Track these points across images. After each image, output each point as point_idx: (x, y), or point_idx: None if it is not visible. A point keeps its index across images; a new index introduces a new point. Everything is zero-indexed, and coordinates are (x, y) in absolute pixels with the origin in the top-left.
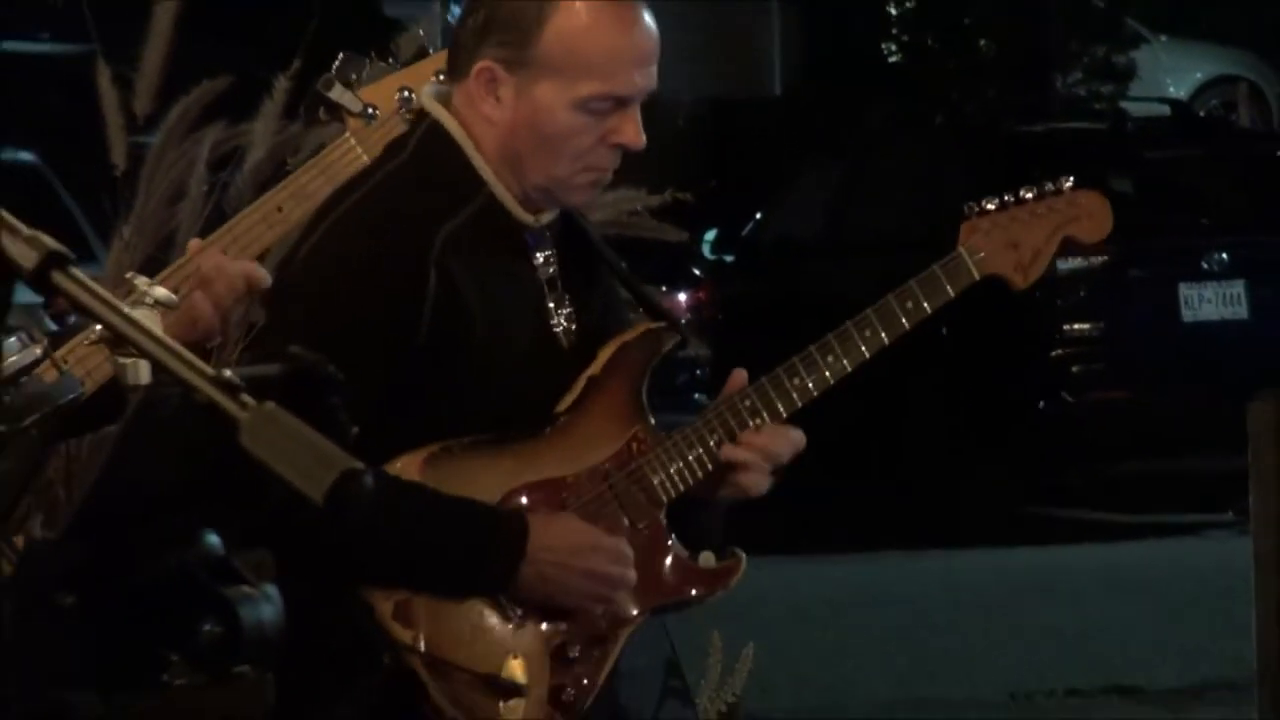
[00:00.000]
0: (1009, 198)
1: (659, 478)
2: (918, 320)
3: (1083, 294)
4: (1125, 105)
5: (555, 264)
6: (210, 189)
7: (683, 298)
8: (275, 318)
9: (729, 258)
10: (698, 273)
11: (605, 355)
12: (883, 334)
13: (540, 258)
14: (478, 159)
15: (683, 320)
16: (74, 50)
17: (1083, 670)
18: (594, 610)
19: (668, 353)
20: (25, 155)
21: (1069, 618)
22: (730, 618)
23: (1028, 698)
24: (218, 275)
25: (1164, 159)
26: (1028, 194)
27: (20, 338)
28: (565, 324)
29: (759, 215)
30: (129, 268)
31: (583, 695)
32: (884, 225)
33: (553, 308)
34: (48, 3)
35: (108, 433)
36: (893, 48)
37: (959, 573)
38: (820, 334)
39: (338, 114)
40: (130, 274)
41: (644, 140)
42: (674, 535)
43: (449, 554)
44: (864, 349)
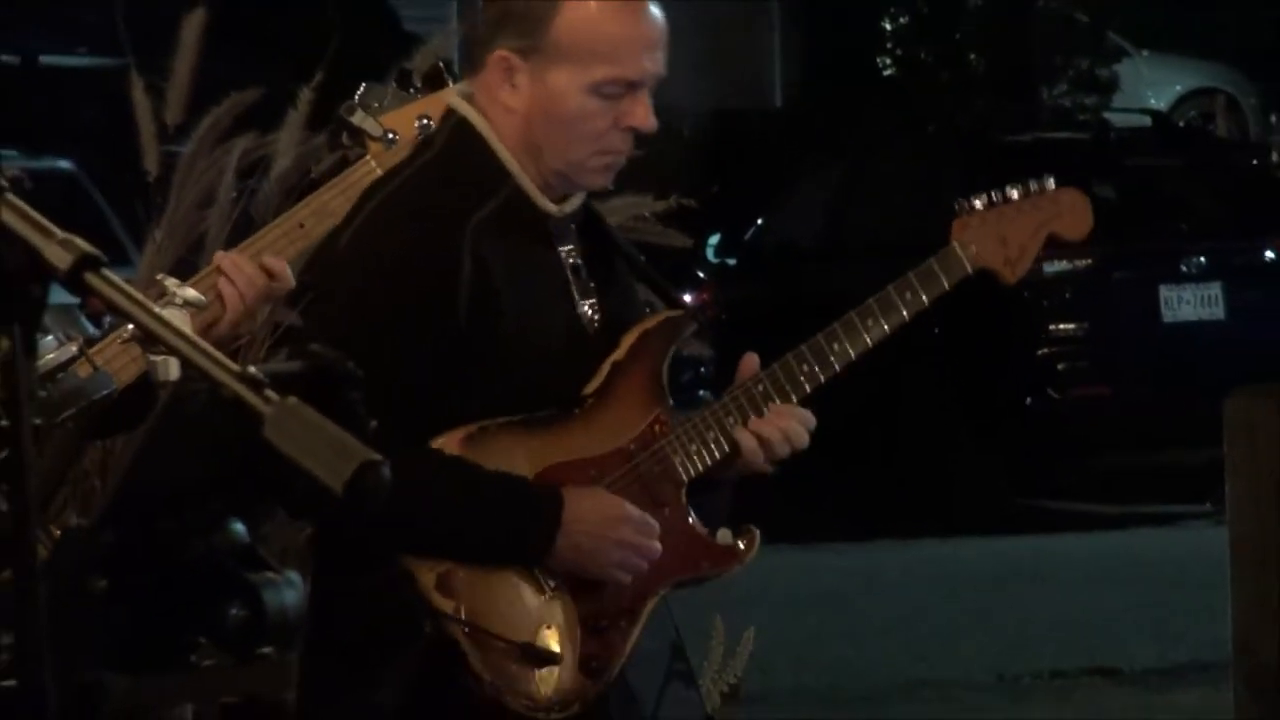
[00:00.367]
0: (997, 196)
1: (679, 458)
2: (916, 310)
3: (1068, 295)
4: (1108, 116)
5: (578, 255)
6: (238, 195)
7: (688, 299)
8: (318, 307)
9: (731, 261)
10: (702, 275)
11: (628, 341)
12: (884, 323)
13: (564, 248)
14: (503, 152)
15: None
16: (109, 64)
17: (1067, 653)
18: (623, 580)
19: (684, 337)
20: (64, 163)
21: (1054, 603)
22: (732, 603)
23: (1015, 679)
24: (235, 271)
25: (1145, 167)
26: (1014, 192)
27: (57, 336)
28: (589, 311)
29: (760, 220)
30: (160, 269)
31: (610, 664)
32: (880, 230)
33: (577, 296)
34: (84, 19)
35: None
36: (888, 61)
37: (950, 560)
38: (817, 332)
39: (359, 138)
40: (161, 275)
41: (655, 123)
42: (692, 513)
43: (490, 525)
44: (867, 337)
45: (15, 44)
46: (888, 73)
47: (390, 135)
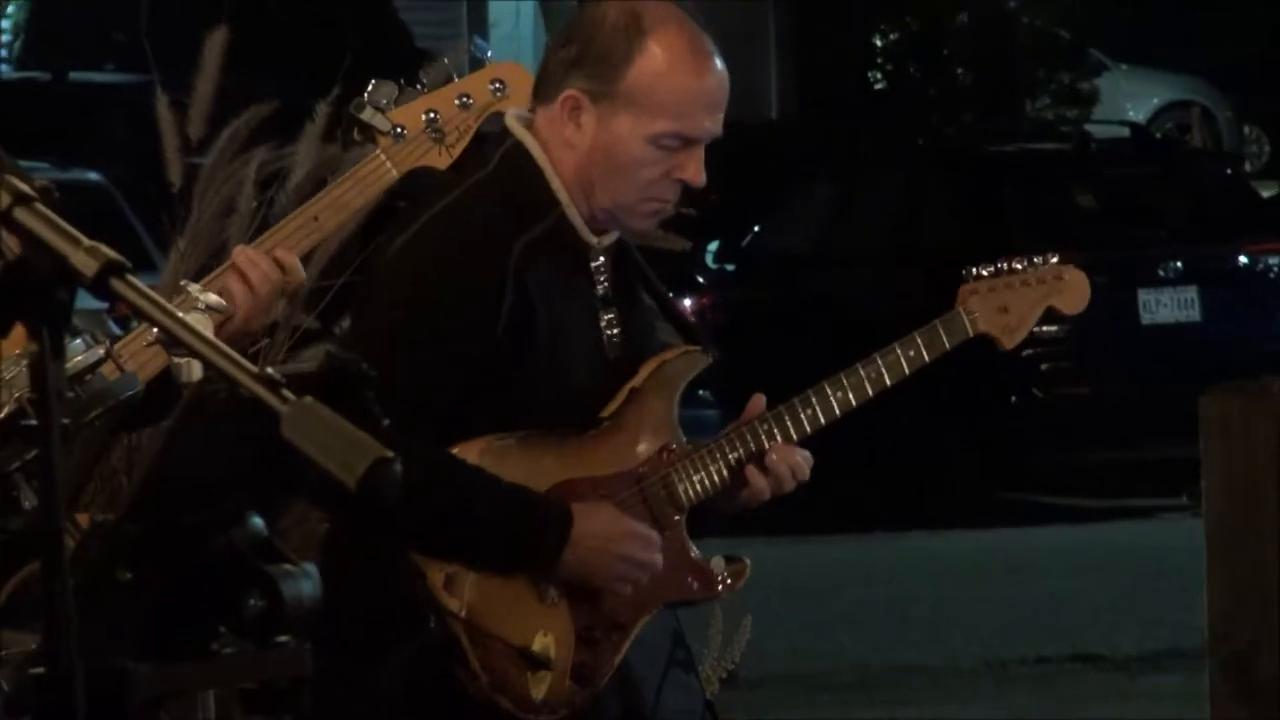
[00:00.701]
0: (1002, 266)
1: (684, 485)
2: (917, 366)
3: None
4: (1088, 128)
5: (608, 284)
6: (257, 205)
7: (687, 303)
8: (368, 308)
9: (730, 267)
10: (701, 280)
11: (647, 370)
12: (886, 376)
13: (598, 277)
14: (555, 181)
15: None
16: (135, 80)
17: (1051, 640)
18: (624, 592)
19: (700, 373)
20: (93, 175)
21: (1039, 593)
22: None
23: (1001, 665)
24: (249, 266)
25: (1124, 176)
26: (1018, 264)
27: (85, 339)
28: (612, 338)
29: (757, 228)
30: (184, 276)
31: (600, 673)
32: (871, 238)
33: (603, 322)
34: (111, 37)
35: (165, 424)
36: (879, 76)
37: (939, 552)
38: (812, 337)
39: (369, 133)
40: (184, 281)
41: (704, 179)
42: (690, 540)
43: (502, 532)
44: (869, 388)
45: (46, 60)
46: (879, 87)
47: (399, 130)
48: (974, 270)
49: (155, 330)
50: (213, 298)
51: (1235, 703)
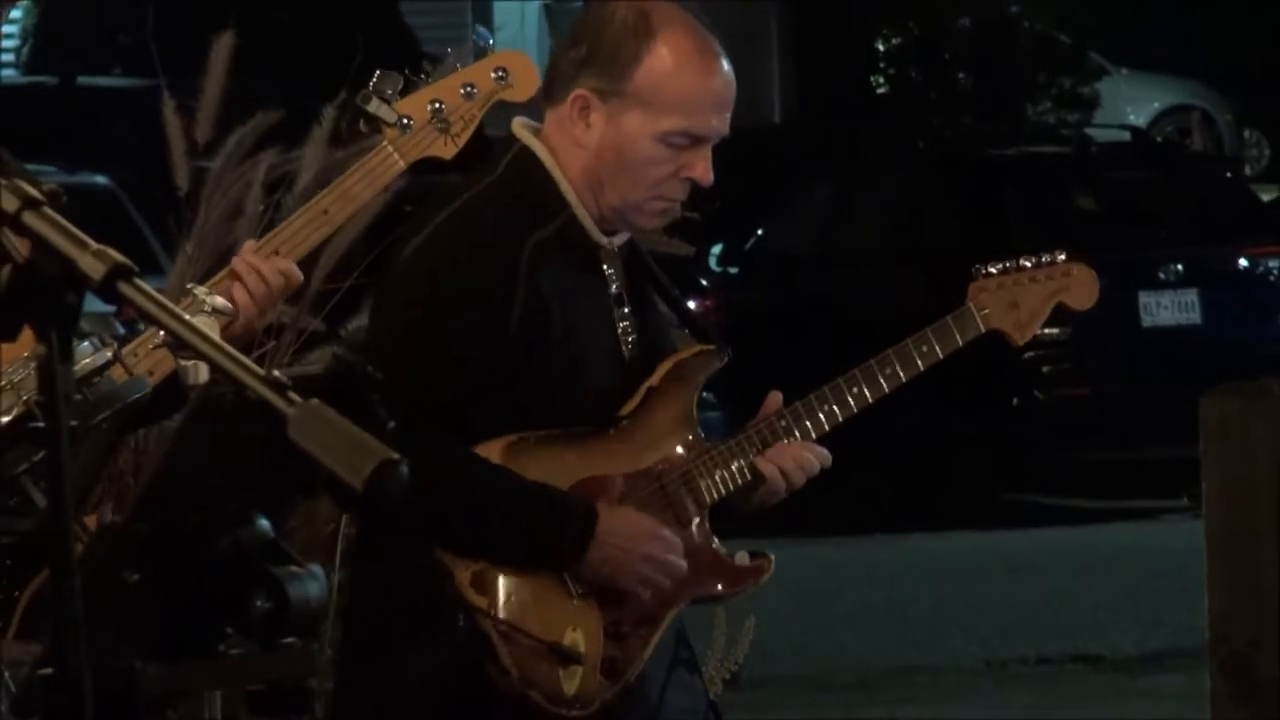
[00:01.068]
0: (1010, 264)
1: (705, 482)
2: (930, 363)
3: None
4: (1089, 131)
5: (621, 285)
6: (265, 209)
7: (691, 306)
8: (382, 311)
9: (733, 270)
10: (704, 283)
11: (664, 369)
12: (900, 372)
13: (610, 278)
14: (563, 182)
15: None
16: (142, 84)
17: (1052, 641)
18: (645, 595)
19: (715, 372)
20: (100, 179)
21: (1039, 593)
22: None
23: (1002, 665)
24: (247, 273)
25: (1124, 180)
26: (1027, 262)
27: (93, 342)
28: (627, 338)
29: (760, 231)
30: (191, 279)
31: (629, 668)
32: (872, 240)
33: (617, 323)
34: (118, 41)
35: (171, 426)
36: (881, 80)
37: (940, 553)
38: (815, 339)
39: (375, 125)
40: (190, 284)
41: (712, 178)
42: (714, 536)
43: (527, 530)
44: (884, 384)
45: (53, 65)
46: (880, 91)
47: (405, 120)
48: (983, 267)
49: (162, 333)
50: (219, 300)
51: (1235, 703)
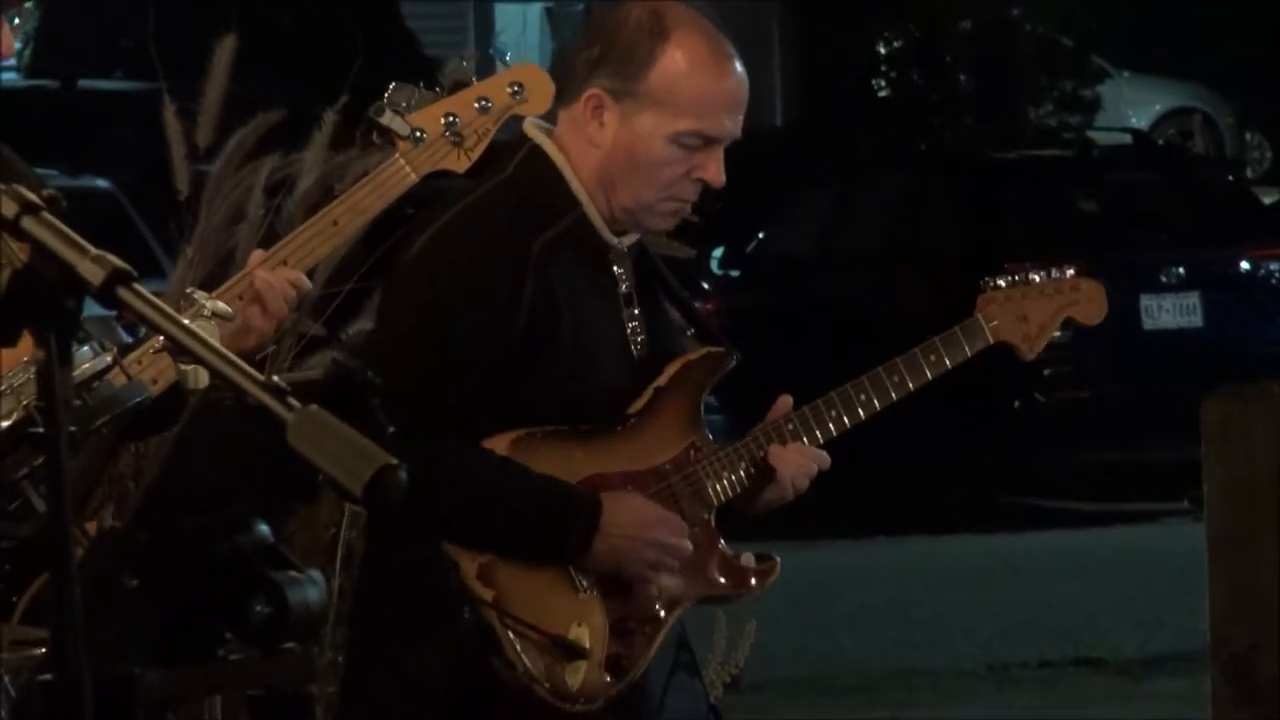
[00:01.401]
0: (1019, 277)
1: (712, 482)
2: (938, 372)
3: None
4: (1091, 134)
5: (630, 285)
6: (265, 212)
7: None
8: (388, 310)
9: (734, 272)
10: (706, 286)
11: (672, 370)
12: (909, 381)
13: (619, 278)
14: (574, 181)
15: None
16: (143, 87)
17: (1053, 644)
18: (655, 579)
19: (723, 374)
20: (101, 182)
21: (1041, 596)
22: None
23: (1004, 668)
24: (267, 290)
25: (1126, 183)
26: (1035, 275)
27: (92, 346)
28: (636, 338)
29: (761, 234)
30: (191, 283)
31: (634, 665)
32: (873, 243)
33: (626, 322)
34: (119, 45)
35: (171, 432)
36: (882, 83)
37: (941, 556)
38: (817, 341)
39: (388, 137)
40: (190, 289)
41: (724, 179)
42: (721, 536)
43: (531, 523)
44: (892, 392)
45: (55, 68)
46: (882, 93)
47: (418, 133)
48: (991, 280)
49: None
50: (220, 305)
51: (1236, 706)
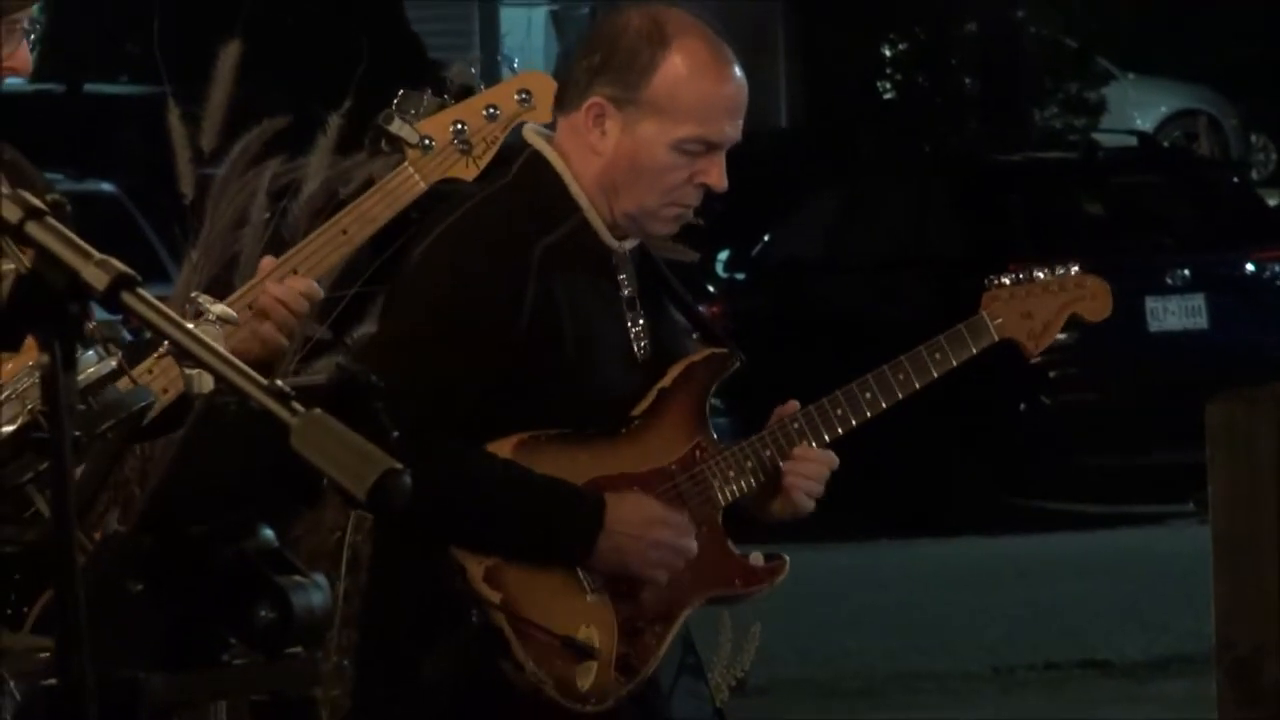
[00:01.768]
0: (1023, 275)
1: (718, 482)
2: (944, 370)
3: None
4: (1096, 136)
5: (633, 289)
6: (270, 216)
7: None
8: (391, 314)
9: (740, 276)
10: (712, 289)
11: (675, 371)
12: (914, 379)
13: (622, 281)
14: (574, 186)
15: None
16: (148, 91)
17: (1059, 646)
18: (661, 579)
19: (728, 375)
20: (106, 186)
21: (1046, 599)
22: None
23: (1010, 671)
24: (274, 309)
25: (1131, 185)
26: (1040, 273)
27: (97, 351)
28: (639, 340)
29: (767, 237)
30: (196, 287)
31: (644, 665)
32: (879, 245)
33: (629, 325)
34: (124, 49)
35: (176, 436)
36: (887, 86)
37: (947, 558)
38: (822, 345)
39: (397, 145)
40: (195, 293)
41: (726, 184)
42: (728, 536)
43: (536, 524)
44: (898, 390)
45: (60, 72)
46: (887, 96)
47: (427, 141)
48: (996, 278)
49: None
50: (222, 309)
51: (1241, 708)
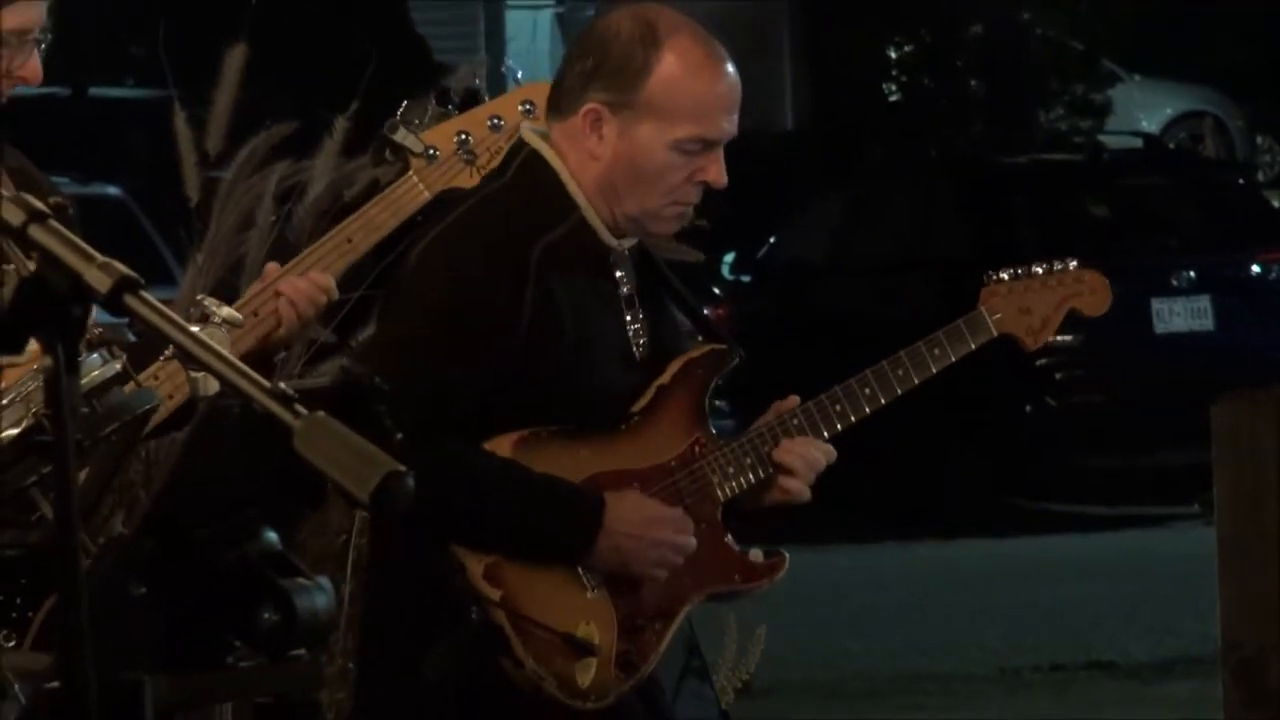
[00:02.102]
0: (1021, 270)
1: (717, 478)
2: (943, 365)
3: None
4: (1101, 138)
5: (631, 286)
6: (275, 219)
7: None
8: (391, 315)
9: (745, 277)
10: (717, 291)
11: (674, 368)
12: (913, 374)
13: (620, 279)
14: (572, 186)
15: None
16: (154, 95)
17: (1063, 647)
18: (661, 576)
19: (727, 371)
20: (112, 189)
21: (1051, 600)
22: (744, 602)
23: (1014, 672)
24: (295, 293)
25: (1137, 187)
26: (1038, 268)
27: (101, 354)
28: (638, 337)
29: (772, 239)
30: (201, 290)
31: (645, 661)
32: (884, 248)
33: (629, 322)
34: (130, 52)
35: (179, 439)
36: (893, 88)
37: (951, 559)
38: (827, 346)
39: (401, 154)
40: (200, 296)
41: (726, 180)
42: (728, 532)
43: (535, 522)
44: (896, 385)
45: (66, 76)
46: (893, 98)
47: (431, 151)
48: (994, 274)
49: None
50: (229, 311)
51: (1247, 709)
